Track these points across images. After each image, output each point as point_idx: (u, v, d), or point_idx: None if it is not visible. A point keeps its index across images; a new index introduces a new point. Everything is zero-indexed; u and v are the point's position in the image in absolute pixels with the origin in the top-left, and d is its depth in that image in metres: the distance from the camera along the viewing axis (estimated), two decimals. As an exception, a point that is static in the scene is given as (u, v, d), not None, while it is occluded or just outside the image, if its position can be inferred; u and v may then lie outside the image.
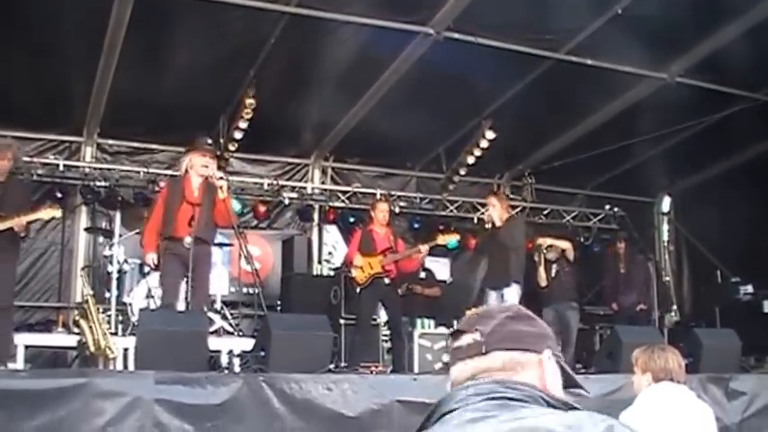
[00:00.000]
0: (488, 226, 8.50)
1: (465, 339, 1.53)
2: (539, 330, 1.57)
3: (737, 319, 9.75)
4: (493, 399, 1.37)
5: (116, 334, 7.22)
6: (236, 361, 7.06)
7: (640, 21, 7.72)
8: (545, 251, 9.59)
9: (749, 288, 10.74)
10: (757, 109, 9.43)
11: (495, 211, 8.44)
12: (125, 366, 6.63)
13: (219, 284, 8.94)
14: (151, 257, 6.77)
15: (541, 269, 9.51)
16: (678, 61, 8.96)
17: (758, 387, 7.23)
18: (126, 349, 6.74)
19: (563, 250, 9.63)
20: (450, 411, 1.38)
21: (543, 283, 9.46)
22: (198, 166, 6.78)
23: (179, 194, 6.73)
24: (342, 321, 9.26)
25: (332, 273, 10.78)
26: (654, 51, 8.57)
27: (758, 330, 9.79)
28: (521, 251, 8.59)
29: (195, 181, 6.81)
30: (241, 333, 8.40)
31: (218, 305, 8.56)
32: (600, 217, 12.60)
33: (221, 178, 6.73)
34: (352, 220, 11.11)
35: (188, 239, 6.46)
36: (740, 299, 10.74)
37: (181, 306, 6.75)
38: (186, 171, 6.88)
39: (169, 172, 10.32)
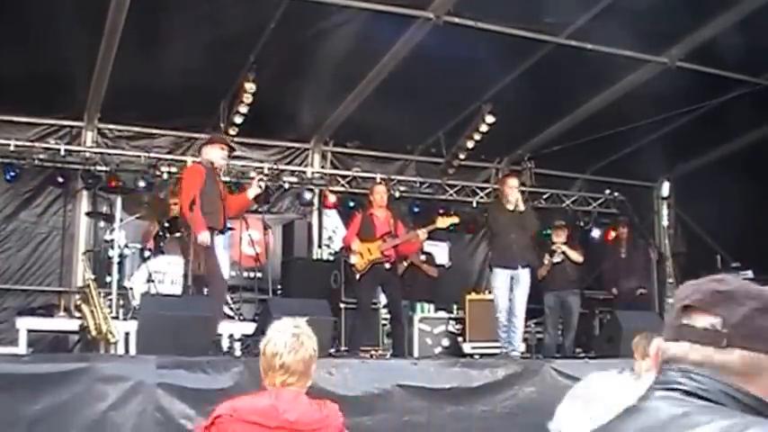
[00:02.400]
0: (511, 207, 8.47)
1: (701, 321, 1.29)
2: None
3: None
4: (714, 403, 1.22)
5: (117, 318, 7.26)
6: (237, 345, 7.10)
7: (641, 5, 7.67)
8: (554, 253, 9.65)
9: (749, 273, 10.74)
10: (758, 93, 9.41)
11: (517, 193, 8.51)
12: (126, 350, 6.66)
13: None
14: (207, 236, 6.78)
15: (543, 267, 9.52)
16: (679, 45, 8.92)
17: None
18: (127, 333, 6.78)
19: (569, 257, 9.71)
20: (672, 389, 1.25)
21: (542, 274, 9.49)
22: (218, 159, 7.13)
23: (215, 188, 7.03)
24: (342, 305, 9.30)
25: (332, 257, 10.81)
26: (654, 36, 8.54)
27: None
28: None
29: (220, 175, 7.20)
30: (242, 317, 8.44)
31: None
32: (600, 201, 12.60)
33: (260, 180, 7.36)
34: (351, 204, 11.13)
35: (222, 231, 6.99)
36: (740, 284, 10.75)
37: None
38: (211, 163, 7.14)
39: (170, 157, 10.36)
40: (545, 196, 12.45)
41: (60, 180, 9.86)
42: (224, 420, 2.96)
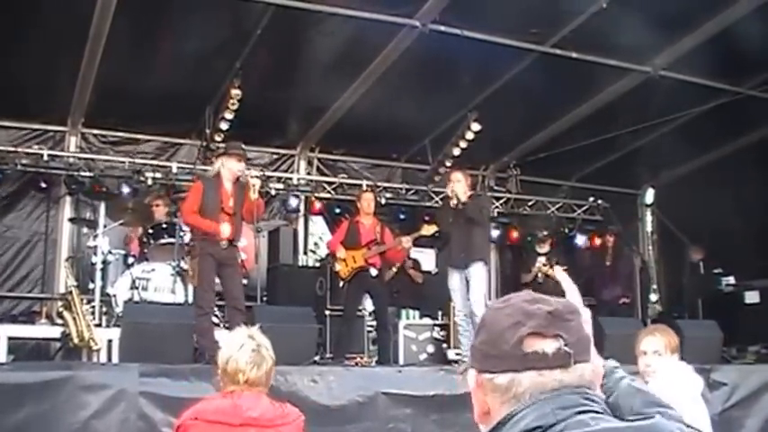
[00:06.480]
0: (454, 202, 7.89)
1: (547, 346, 1.27)
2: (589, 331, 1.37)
3: (720, 310, 9.85)
4: (582, 413, 1.22)
5: (100, 325, 7.20)
6: (222, 353, 7.04)
7: (625, 14, 7.74)
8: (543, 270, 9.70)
9: (731, 279, 10.84)
10: (740, 102, 9.49)
11: (460, 186, 7.89)
12: (109, 358, 6.62)
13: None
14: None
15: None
16: (662, 55, 8.99)
17: (739, 378, 7.33)
18: (110, 341, 6.73)
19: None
20: (551, 427, 1.20)
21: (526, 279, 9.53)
22: (235, 170, 7.03)
23: (215, 202, 6.92)
24: (327, 312, 9.27)
25: (317, 264, 10.78)
26: (638, 45, 8.59)
27: (740, 321, 9.90)
28: (487, 228, 8.48)
29: (228, 187, 7.03)
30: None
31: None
32: (584, 208, 12.65)
33: (255, 177, 7.12)
34: (337, 210, 11.11)
35: (224, 243, 6.85)
36: (722, 290, 10.84)
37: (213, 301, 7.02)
38: (218, 174, 7.06)
39: (154, 162, 10.30)
40: (530, 203, 12.49)
41: (43, 185, 9.78)
42: (186, 427, 3.11)
